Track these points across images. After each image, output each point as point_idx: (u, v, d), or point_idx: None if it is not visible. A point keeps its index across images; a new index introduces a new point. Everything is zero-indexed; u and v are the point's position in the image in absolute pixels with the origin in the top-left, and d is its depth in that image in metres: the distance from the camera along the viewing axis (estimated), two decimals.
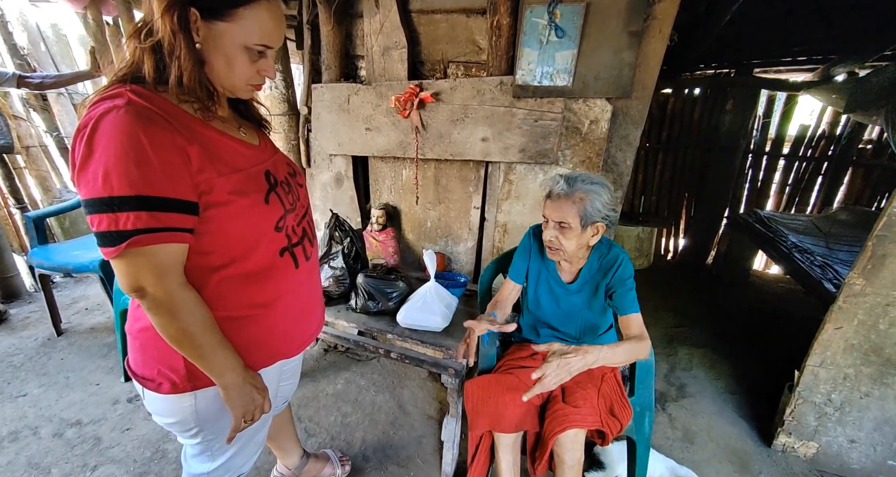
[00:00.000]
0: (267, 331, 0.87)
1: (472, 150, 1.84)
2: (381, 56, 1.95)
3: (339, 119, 2.09)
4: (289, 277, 0.88)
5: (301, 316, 0.95)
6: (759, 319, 2.91)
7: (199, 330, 0.73)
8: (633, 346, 1.13)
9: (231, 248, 0.77)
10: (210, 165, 0.71)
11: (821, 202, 3.58)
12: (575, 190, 1.15)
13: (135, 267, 0.66)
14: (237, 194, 0.74)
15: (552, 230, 1.20)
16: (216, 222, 0.73)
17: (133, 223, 0.63)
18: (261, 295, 0.84)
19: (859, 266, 1.42)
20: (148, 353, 0.81)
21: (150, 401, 0.85)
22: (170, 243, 0.68)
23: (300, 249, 0.91)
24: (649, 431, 1.37)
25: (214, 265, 0.77)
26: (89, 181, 0.62)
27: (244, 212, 0.76)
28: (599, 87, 1.55)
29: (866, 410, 1.55)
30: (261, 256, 0.81)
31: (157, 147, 0.64)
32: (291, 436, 1.41)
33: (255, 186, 0.78)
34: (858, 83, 2.44)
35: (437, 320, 1.54)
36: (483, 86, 1.74)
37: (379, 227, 2.14)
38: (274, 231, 0.82)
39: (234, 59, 0.72)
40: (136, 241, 0.64)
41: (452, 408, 1.53)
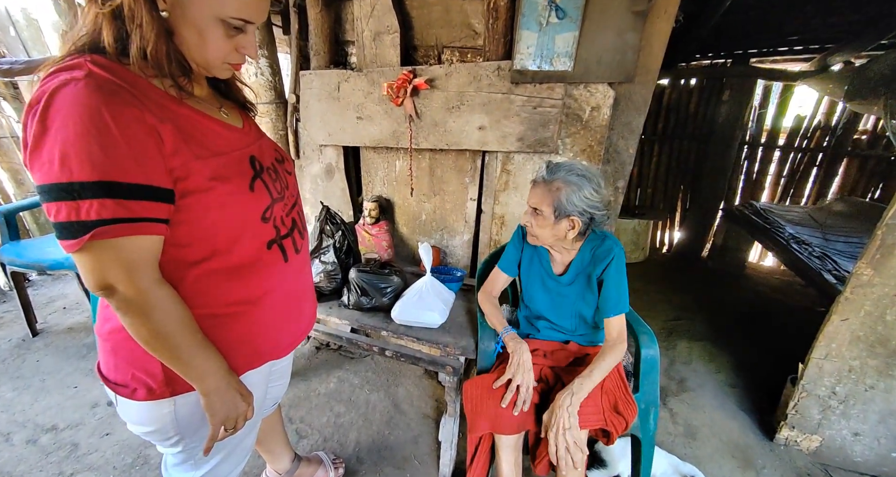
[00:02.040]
0: (254, 329, 0.81)
1: (468, 140, 1.77)
2: (373, 41, 1.86)
3: (329, 108, 2.00)
4: (277, 271, 0.81)
5: (291, 313, 0.89)
6: (756, 310, 2.90)
7: (175, 331, 0.66)
8: (608, 361, 1.14)
9: (212, 239, 0.70)
10: (186, 147, 0.64)
11: (816, 193, 3.57)
12: (554, 178, 1.12)
13: (100, 262, 0.59)
14: (218, 180, 0.67)
15: (528, 215, 1.20)
16: (195, 211, 0.66)
17: (97, 212, 0.55)
18: (246, 290, 0.77)
19: (868, 256, 1.38)
20: (120, 356, 0.73)
21: (124, 408, 0.78)
22: (141, 235, 0.60)
23: (289, 241, 0.84)
24: (654, 428, 1.32)
25: (193, 259, 0.70)
26: (44, 164, 0.54)
27: (226, 200, 0.69)
28: (602, 71, 1.49)
29: (871, 403, 1.52)
30: (246, 248, 0.74)
31: (122, 125, 0.56)
32: (282, 439, 1.35)
33: (237, 172, 0.72)
34: (858, 71, 2.41)
35: (434, 316, 1.47)
36: (479, 71, 1.66)
37: (372, 220, 2.06)
38: (260, 221, 0.76)
39: (207, 32, 0.64)
40: (101, 232, 0.56)
41: (450, 407, 1.47)
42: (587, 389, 1.09)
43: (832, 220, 3.05)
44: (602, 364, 1.13)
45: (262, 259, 0.78)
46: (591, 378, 1.10)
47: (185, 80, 0.67)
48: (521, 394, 1.13)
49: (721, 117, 3.50)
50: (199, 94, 0.74)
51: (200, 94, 0.75)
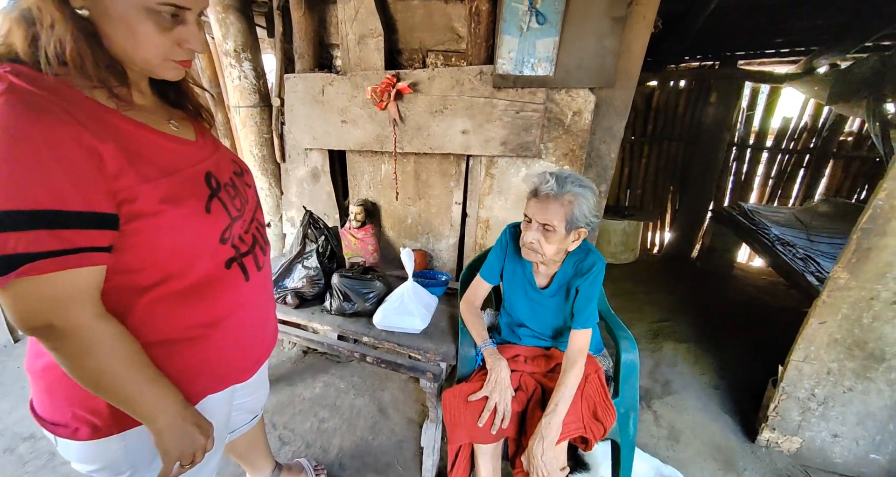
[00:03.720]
0: (215, 352, 0.76)
1: (451, 144, 1.76)
2: (357, 44, 1.85)
3: (314, 111, 1.99)
4: (239, 290, 0.76)
5: (254, 332, 0.85)
6: (743, 312, 2.92)
7: (120, 369, 0.60)
8: (570, 387, 1.13)
9: (165, 264, 0.65)
10: (131, 168, 0.57)
11: (803, 194, 3.61)
12: (565, 191, 1.08)
13: (32, 301, 0.53)
14: (169, 203, 0.61)
15: (535, 232, 1.13)
16: (144, 236, 0.61)
17: (26, 245, 0.49)
18: (205, 313, 0.72)
19: (844, 259, 1.40)
20: (58, 395, 0.66)
21: (65, 449, 0.70)
22: (80, 268, 0.54)
23: (250, 258, 0.79)
24: (634, 433, 1.33)
25: (144, 284, 0.64)
26: None
27: (179, 223, 0.63)
28: (582, 76, 1.49)
29: (849, 405, 1.53)
30: (203, 270, 0.70)
31: (55, 146, 0.50)
32: (263, 451, 1.33)
33: (192, 192, 0.66)
34: (840, 74, 2.44)
35: (415, 322, 1.47)
36: (462, 75, 1.66)
37: (358, 224, 2.05)
38: (218, 243, 0.71)
39: (136, 26, 0.56)
40: (32, 268, 0.50)
41: (432, 412, 1.47)
42: (556, 426, 1.07)
43: (817, 221, 3.08)
44: (565, 393, 1.11)
45: (222, 279, 0.73)
46: (556, 413, 1.08)
47: (121, 89, 0.60)
48: (499, 412, 1.13)
49: (709, 119, 3.52)
50: (142, 103, 0.67)
51: (144, 103, 0.68)
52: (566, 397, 1.10)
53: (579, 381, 1.14)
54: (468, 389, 1.21)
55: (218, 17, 1.85)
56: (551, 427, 1.06)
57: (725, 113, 3.44)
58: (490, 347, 1.27)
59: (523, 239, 1.16)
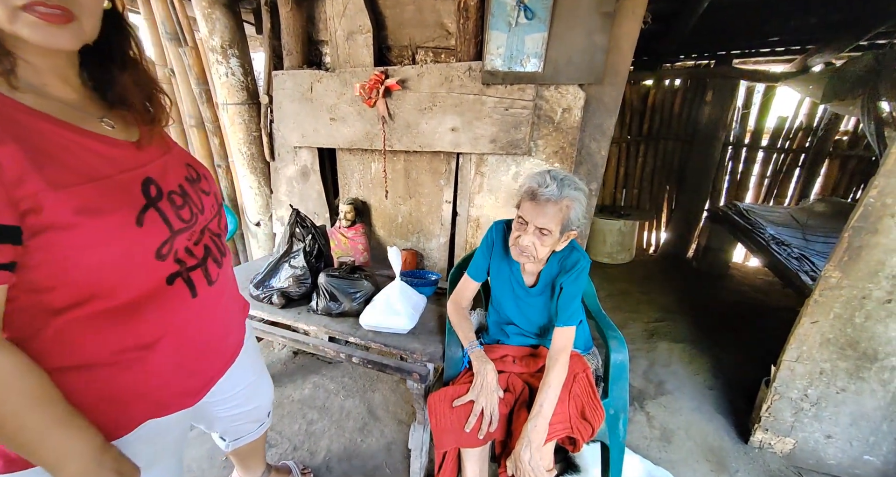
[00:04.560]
0: (153, 377, 0.67)
1: (441, 141, 1.74)
2: (346, 41, 1.83)
3: (303, 109, 1.96)
4: (183, 308, 0.68)
5: (204, 353, 0.76)
6: (738, 311, 2.90)
7: (18, 409, 0.51)
8: (554, 387, 1.10)
9: (84, 283, 0.56)
10: (37, 174, 0.49)
11: (798, 194, 3.59)
12: (563, 196, 1.05)
13: None
14: (87, 214, 0.53)
15: (531, 236, 1.10)
16: (55, 251, 0.52)
17: None
18: (138, 335, 0.63)
19: (835, 258, 1.38)
20: None
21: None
22: None
23: (200, 272, 0.71)
24: (624, 434, 1.31)
25: (59, 305, 0.56)
26: None
27: (101, 237, 0.55)
28: (571, 72, 1.47)
29: (843, 405, 1.51)
30: (135, 288, 0.61)
31: None
32: (260, 455, 1.32)
33: (120, 201, 0.57)
34: (835, 73, 2.42)
35: (402, 321, 1.45)
36: (451, 72, 1.64)
37: (347, 223, 2.03)
38: (154, 259, 0.62)
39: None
40: None
41: (419, 414, 1.44)
42: (542, 429, 1.05)
43: (813, 220, 3.07)
44: (549, 393, 1.08)
45: (161, 297, 0.64)
46: (541, 415, 1.06)
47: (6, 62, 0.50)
48: (486, 416, 1.10)
49: (705, 118, 3.51)
50: (67, 97, 0.58)
51: (70, 97, 0.59)
52: (550, 398, 1.08)
53: (563, 379, 1.12)
54: (454, 392, 1.18)
55: (204, 13, 1.83)
56: (537, 430, 1.03)
57: (721, 112, 3.43)
58: (477, 349, 1.25)
59: (518, 242, 1.13)
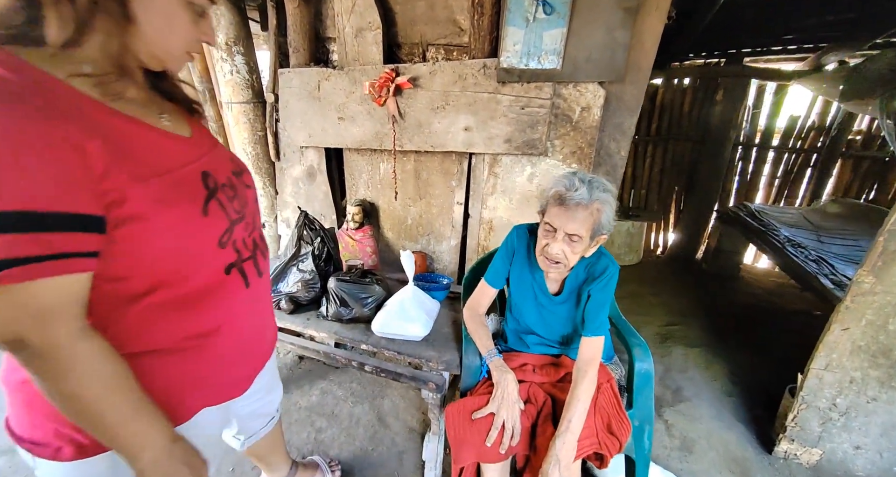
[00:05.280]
0: (211, 364, 0.71)
1: (453, 141, 1.69)
2: (354, 38, 1.77)
3: (310, 107, 1.91)
4: (238, 298, 0.72)
5: (252, 343, 0.80)
6: (752, 315, 2.84)
7: (101, 395, 0.53)
8: (583, 400, 1.04)
9: (157, 271, 0.59)
10: (120, 167, 0.52)
11: (810, 195, 3.53)
12: (594, 198, 1.00)
13: (7, 312, 0.47)
14: (162, 205, 0.56)
15: (561, 243, 1.04)
16: (134, 241, 0.55)
17: (5, 251, 0.44)
18: (201, 322, 0.67)
19: (869, 263, 1.32)
20: (38, 410, 0.59)
21: (45, 471, 0.63)
22: (64, 275, 0.48)
23: (251, 264, 0.74)
24: (649, 447, 1.25)
25: (134, 293, 0.58)
26: None
27: (174, 227, 0.58)
28: (591, 69, 1.41)
29: (873, 415, 1.46)
30: (200, 276, 0.65)
31: (37, 141, 0.44)
32: (281, 451, 1.30)
33: (187, 194, 0.61)
34: (854, 71, 2.36)
35: (416, 328, 1.39)
36: (465, 70, 1.59)
37: (355, 224, 1.98)
38: (217, 248, 0.66)
39: (176, 17, 0.56)
40: (9, 275, 0.45)
41: (434, 425, 1.39)
42: (571, 446, 1.00)
43: (827, 222, 3.01)
44: (578, 407, 1.03)
45: (221, 286, 0.68)
46: (570, 431, 1.01)
47: (119, 82, 0.55)
48: (508, 429, 1.05)
49: (715, 118, 3.45)
50: (134, 96, 0.61)
51: (136, 96, 0.62)
52: (580, 413, 1.02)
53: (592, 393, 1.06)
54: (473, 404, 1.13)
55: None
56: (566, 448, 0.98)
57: (732, 111, 3.37)
58: (496, 358, 1.19)
59: (546, 251, 1.07)
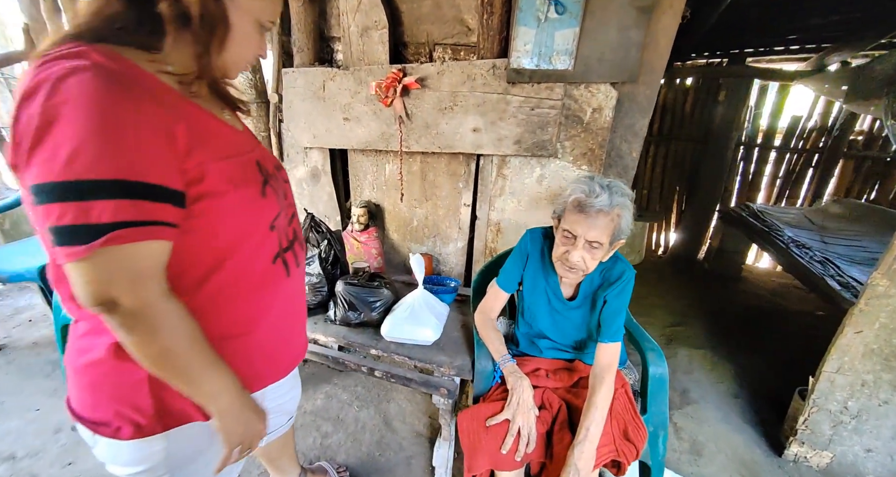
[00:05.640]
0: (256, 350, 0.75)
1: (461, 142, 1.67)
2: (360, 37, 1.75)
3: (314, 108, 1.88)
4: (280, 287, 0.76)
5: (291, 331, 0.84)
6: (755, 315, 2.84)
7: (186, 349, 0.59)
8: (601, 408, 1.02)
9: (219, 250, 0.64)
10: (199, 149, 0.58)
11: (812, 195, 3.54)
12: (614, 204, 0.98)
13: (106, 272, 0.51)
14: (233, 184, 0.62)
15: (581, 251, 1.02)
16: (205, 218, 0.60)
17: (112, 215, 0.49)
18: (249, 308, 0.71)
19: (884, 266, 1.31)
20: (102, 392, 0.64)
21: (105, 449, 0.67)
22: (155, 240, 0.54)
23: (291, 254, 0.78)
24: (664, 452, 1.24)
25: (198, 272, 0.63)
26: (47, 161, 0.47)
27: (239, 206, 0.64)
28: (604, 70, 1.39)
29: (885, 418, 1.46)
30: (253, 261, 0.69)
31: (136, 121, 0.50)
32: (291, 454, 1.28)
33: (249, 176, 0.67)
34: (860, 71, 2.36)
35: (427, 333, 1.37)
36: (474, 70, 1.56)
37: (360, 226, 1.95)
38: (268, 230, 0.71)
39: (251, 34, 0.64)
40: (118, 236, 0.49)
41: (445, 430, 1.37)
42: (590, 455, 0.98)
43: (829, 222, 3.01)
44: (595, 415, 1.01)
45: (268, 274, 0.72)
46: (588, 440, 0.98)
47: (196, 82, 0.63)
48: (524, 436, 1.03)
49: (717, 118, 3.45)
50: (202, 93, 0.69)
51: (203, 93, 0.69)
52: (597, 421, 1.00)
53: (609, 400, 1.05)
54: (487, 410, 1.11)
55: None
56: (585, 457, 0.96)
57: (734, 112, 3.37)
58: (510, 363, 1.17)
59: (567, 259, 1.05)
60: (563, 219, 1.06)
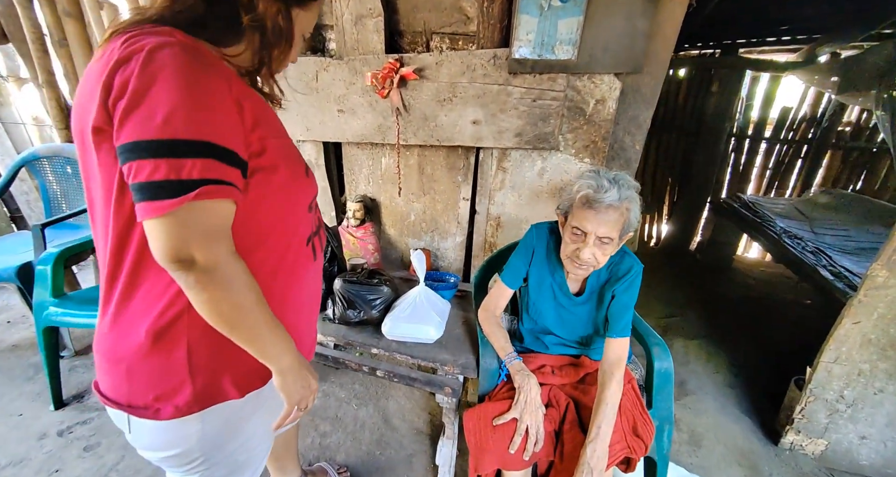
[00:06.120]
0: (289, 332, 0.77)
1: (461, 135, 1.62)
2: (354, 25, 1.68)
3: (307, 99, 1.81)
4: (309, 269, 0.79)
5: (311, 317, 0.87)
6: (746, 305, 2.89)
7: (255, 306, 0.62)
8: (612, 405, 1.01)
9: (264, 226, 0.67)
10: (262, 125, 0.62)
11: (800, 186, 3.59)
12: (623, 198, 0.96)
13: (187, 228, 0.53)
14: (286, 161, 0.67)
15: (592, 247, 1.00)
16: (258, 190, 0.64)
17: (200, 172, 0.52)
18: (284, 289, 0.73)
19: (884, 257, 1.32)
20: (141, 378, 0.65)
21: (142, 432, 0.68)
22: (230, 200, 0.57)
23: (318, 239, 0.82)
24: (668, 446, 1.24)
25: (243, 246, 0.64)
26: (143, 120, 0.50)
27: (288, 182, 0.68)
28: (608, 60, 1.36)
29: (879, 407, 1.48)
30: (291, 241, 0.73)
31: (217, 92, 0.55)
32: (294, 453, 1.27)
33: (296, 157, 0.72)
34: (853, 62, 2.37)
35: (430, 331, 1.34)
36: (474, 60, 1.51)
37: (356, 222, 1.90)
38: (307, 211, 0.76)
39: (297, 43, 0.72)
40: (204, 192, 0.53)
41: (448, 429, 1.35)
42: (603, 454, 0.97)
43: (818, 212, 3.06)
44: (607, 413, 1.00)
45: (300, 255, 0.75)
46: (600, 438, 0.97)
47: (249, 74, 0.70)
48: (531, 435, 1.02)
49: (710, 109, 3.46)
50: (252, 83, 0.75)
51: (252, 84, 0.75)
52: (609, 418, 0.99)
53: (619, 396, 1.03)
54: (493, 409, 1.09)
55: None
56: (597, 456, 0.95)
57: (727, 103, 3.38)
58: (516, 361, 1.15)
59: (578, 257, 1.03)
60: (570, 215, 1.03)
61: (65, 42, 2.00)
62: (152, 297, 0.61)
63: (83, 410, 1.71)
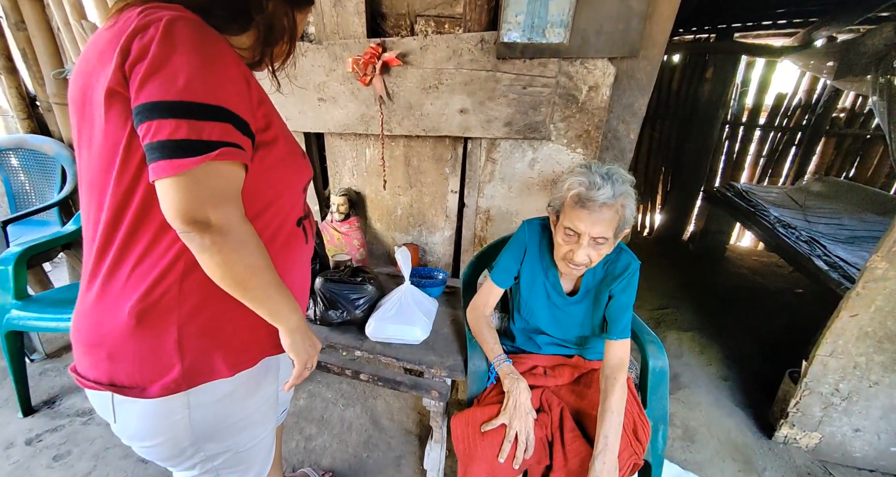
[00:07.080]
0: None
1: (448, 125, 1.54)
2: (333, 7, 1.58)
3: (285, 87, 1.70)
4: (299, 252, 0.79)
5: (303, 300, 0.86)
6: (739, 295, 2.87)
7: (265, 267, 0.63)
8: (617, 412, 0.96)
9: (266, 196, 0.68)
10: (267, 102, 0.66)
11: (794, 173, 3.56)
12: (617, 195, 0.90)
13: (204, 188, 0.54)
14: (285, 139, 0.70)
15: (587, 248, 0.94)
16: (259, 164, 0.65)
17: (220, 135, 0.54)
18: (283, 261, 0.73)
19: (884, 248, 1.28)
20: (126, 357, 0.63)
21: (129, 416, 0.66)
22: (243, 165, 0.59)
23: (308, 223, 0.83)
24: (663, 446, 1.20)
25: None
26: (165, 82, 0.52)
27: (285, 159, 0.69)
28: (601, 44, 1.28)
29: (874, 399, 1.46)
30: (285, 220, 0.73)
31: (231, 67, 0.57)
32: (278, 458, 1.19)
33: (294, 139, 0.74)
34: (850, 46, 2.31)
35: (416, 332, 1.28)
36: (460, 45, 1.43)
37: (340, 216, 1.83)
38: (300, 192, 0.77)
39: (295, 40, 0.76)
40: (224, 153, 0.54)
41: (436, 432, 1.30)
42: (613, 465, 0.92)
43: (811, 201, 3.03)
44: (613, 421, 0.95)
45: (292, 235, 0.75)
46: (609, 449, 0.92)
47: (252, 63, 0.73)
48: (521, 442, 0.97)
49: (704, 96, 3.39)
50: None
51: None
52: (616, 427, 0.94)
53: (624, 402, 0.98)
54: (481, 414, 1.04)
55: None
56: (607, 468, 0.90)
57: (721, 89, 3.31)
58: (505, 364, 1.10)
59: (572, 258, 0.97)
60: (562, 215, 0.97)
61: (22, 25, 1.87)
62: (142, 270, 0.60)
63: (54, 417, 1.63)
